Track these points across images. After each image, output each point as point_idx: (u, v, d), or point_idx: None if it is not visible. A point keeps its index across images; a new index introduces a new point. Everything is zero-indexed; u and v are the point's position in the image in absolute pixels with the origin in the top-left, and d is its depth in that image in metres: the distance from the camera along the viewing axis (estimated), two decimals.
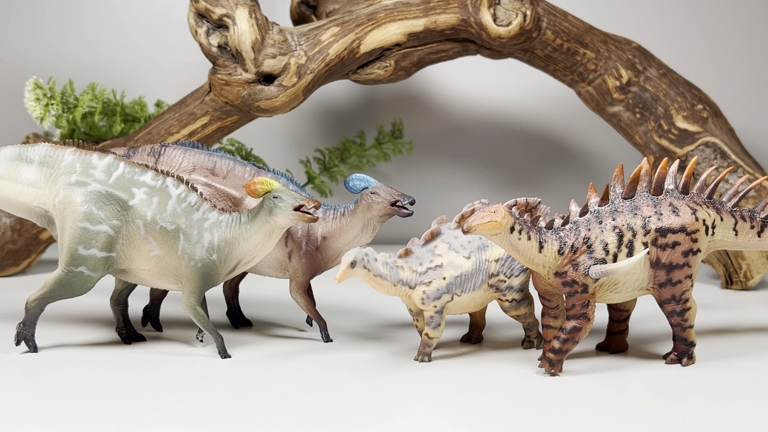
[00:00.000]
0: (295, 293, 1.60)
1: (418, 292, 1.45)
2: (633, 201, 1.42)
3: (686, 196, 1.45)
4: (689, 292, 1.44)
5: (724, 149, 2.04)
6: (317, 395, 1.31)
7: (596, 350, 1.55)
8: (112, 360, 1.47)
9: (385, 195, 1.55)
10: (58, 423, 1.19)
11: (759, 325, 1.73)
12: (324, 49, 1.97)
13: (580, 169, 2.65)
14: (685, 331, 1.45)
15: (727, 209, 1.49)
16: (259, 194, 1.45)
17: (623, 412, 1.25)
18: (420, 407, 1.26)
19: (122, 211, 1.47)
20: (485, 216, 1.33)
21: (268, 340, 1.61)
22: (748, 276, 2.04)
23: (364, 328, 1.70)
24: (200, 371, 1.42)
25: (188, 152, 1.63)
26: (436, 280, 1.45)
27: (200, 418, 1.21)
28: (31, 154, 1.51)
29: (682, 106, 2.07)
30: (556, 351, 1.39)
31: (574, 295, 1.38)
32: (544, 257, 1.38)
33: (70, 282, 1.47)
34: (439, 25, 2.02)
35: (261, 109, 1.96)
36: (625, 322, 1.53)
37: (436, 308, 1.45)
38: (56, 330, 1.64)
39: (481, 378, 1.40)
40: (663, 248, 1.41)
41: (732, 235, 1.49)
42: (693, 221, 1.43)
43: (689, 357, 1.46)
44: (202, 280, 1.48)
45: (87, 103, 2.20)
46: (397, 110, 2.66)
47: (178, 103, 2.09)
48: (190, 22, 1.97)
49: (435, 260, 1.46)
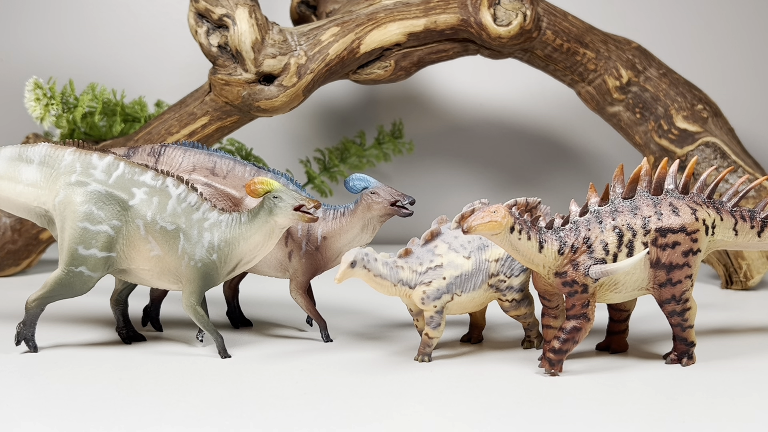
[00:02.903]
0: (295, 293, 1.60)
1: (418, 292, 1.45)
2: (633, 201, 1.42)
3: (686, 196, 1.45)
4: (689, 292, 1.44)
5: (724, 149, 2.04)
6: (317, 395, 1.31)
7: (596, 350, 1.55)
8: (112, 360, 1.47)
9: (385, 195, 1.55)
10: (58, 423, 1.19)
11: (759, 325, 1.73)
12: (324, 49, 1.97)
13: (580, 169, 2.65)
14: (685, 331, 1.45)
15: (727, 209, 1.49)
16: (259, 194, 1.45)
17: (623, 412, 1.25)
18: (420, 407, 1.26)
19: (122, 211, 1.47)
20: (485, 216, 1.33)
21: (268, 340, 1.61)
22: (748, 276, 2.04)
23: (364, 328, 1.70)
24: (200, 371, 1.42)
25: (188, 152, 1.63)
26: (436, 280, 1.45)
27: (200, 418, 1.21)
28: (31, 154, 1.51)
29: (682, 106, 2.07)
30: (556, 351, 1.39)
31: (574, 295, 1.38)
32: (544, 257, 1.38)
33: (70, 282, 1.47)
34: (439, 25, 2.02)
35: (261, 109, 1.96)
36: (625, 322, 1.53)
37: (436, 308, 1.45)
38: (56, 330, 1.64)
39: (481, 378, 1.40)
40: (663, 248, 1.41)
41: (732, 235, 1.49)
42: (693, 221, 1.43)
43: (689, 357, 1.46)
44: (202, 280, 1.48)
45: (87, 103, 2.20)
46: (397, 110, 2.66)
47: (178, 103, 2.09)
48: (190, 22, 1.97)
49: (435, 260, 1.46)
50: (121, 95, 2.29)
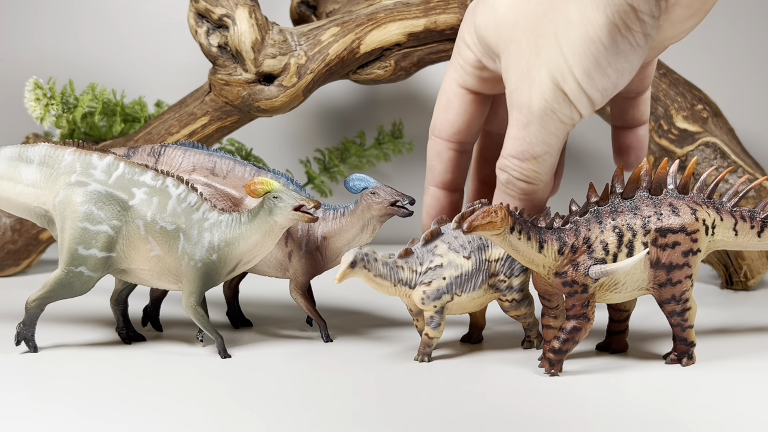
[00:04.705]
0: (295, 293, 1.60)
1: (418, 292, 1.45)
2: (633, 201, 1.42)
3: (686, 196, 1.45)
4: (689, 292, 1.44)
5: (724, 149, 2.04)
6: (317, 395, 1.31)
7: (596, 350, 1.55)
8: (112, 360, 1.47)
9: (384, 195, 1.55)
10: (58, 423, 1.19)
11: (759, 325, 1.73)
12: (324, 49, 1.97)
13: (580, 169, 2.65)
14: (685, 331, 1.45)
15: (727, 209, 1.49)
16: (259, 194, 1.46)
17: (623, 412, 1.25)
18: (420, 407, 1.26)
19: (122, 211, 1.47)
20: (485, 216, 1.33)
21: (268, 340, 1.61)
22: (748, 276, 2.04)
23: (364, 328, 1.70)
24: (200, 371, 1.42)
25: (188, 152, 1.63)
26: (436, 280, 1.45)
27: (200, 418, 1.21)
28: (31, 154, 1.51)
29: (682, 106, 2.07)
30: (556, 351, 1.39)
31: (573, 295, 1.38)
32: (543, 257, 1.38)
33: (70, 282, 1.47)
34: (439, 25, 2.02)
35: (261, 109, 1.96)
36: (625, 322, 1.53)
37: (436, 308, 1.45)
38: (56, 330, 1.64)
39: (481, 378, 1.40)
40: (663, 248, 1.41)
41: (732, 235, 1.49)
42: (693, 221, 1.43)
43: (689, 357, 1.46)
44: (202, 280, 1.48)
45: (87, 103, 2.20)
46: (397, 110, 2.66)
47: (178, 103, 2.09)
48: (190, 22, 1.98)
49: (435, 260, 1.46)
50: (121, 95, 2.29)
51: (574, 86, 1.30)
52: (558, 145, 1.35)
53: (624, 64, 1.29)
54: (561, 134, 1.34)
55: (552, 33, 1.28)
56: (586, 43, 1.27)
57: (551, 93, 1.30)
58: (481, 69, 1.43)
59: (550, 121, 1.32)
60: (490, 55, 1.39)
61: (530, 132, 1.34)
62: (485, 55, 1.40)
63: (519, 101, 1.33)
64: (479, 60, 1.42)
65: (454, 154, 1.51)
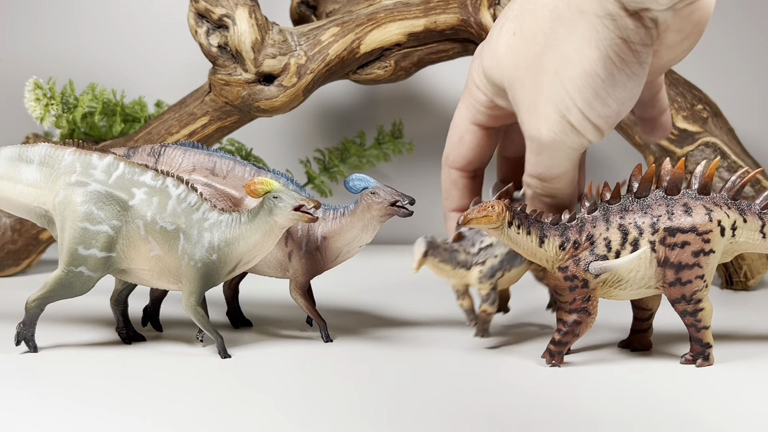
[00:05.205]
0: (295, 293, 1.60)
1: (474, 272, 1.52)
2: (645, 200, 1.43)
3: (706, 197, 1.44)
4: (702, 292, 1.43)
5: (724, 149, 2.04)
6: (317, 395, 1.31)
7: (618, 348, 1.55)
8: (112, 360, 1.47)
9: (384, 195, 1.55)
10: (59, 423, 1.19)
11: (759, 325, 1.73)
12: (324, 49, 1.97)
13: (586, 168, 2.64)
14: (700, 332, 1.45)
15: (755, 211, 1.47)
16: (259, 194, 1.46)
17: (625, 411, 1.25)
18: (420, 407, 1.26)
19: (122, 211, 1.47)
20: (481, 210, 1.37)
21: (268, 340, 1.61)
22: (748, 276, 2.04)
23: (364, 328, 1.70)
24: (200, 371, 1.42)
25: (188, 152, 1.63)
26: (489, 259, 1.52)
27: (200, 418, 1.21)
28: (31, 154, 1.51)
29: (682, 106, 2.07)
30: (556, 343, 1.43)
31: (575, 289, 1.41)
32: (545, 252, 1.41)
33: (70, 282, 1.47)
34: (439, 25, 2.02)
35: (261, 109, 1.96)
36: (649, 320, 1.53)
37: (491, 285, 1.52)
38: (56, 330, 1.64)
39: (482, 377, 1.40)
40: (671, 247, 1.41)
41: (759, 237, 1.47)
42: (706, 222, 1.42)
43: (705, 358, 1.45)
44: (202, 280, 1.48)
45: (87, 103, 2.20)
46: (397, 110, 2.66)
47: (178, 103, 2.09)
48: (190, 22, 1.98)
49: (485, 240, 1.53)
50: (121, 95, 2.29)
51: (579, 117, 1.34)
52: (573, 164, 1.41)
53: (624, 93, 1.34)
54: (574, 157, 1.40)
55: (552, 70, 1.33)
56: (584, 77, 1.31)
57: (558, 125, 1.35)
58: (492, 108, 1.49)
59: (560, 150, 1.38)
60: (500, 94, 1.44)
61: (544, 158, 1.40)
62: (496, 94, 1.45)
63: (530, 134, 1.38)
64: (491, 100, 1.47)
65: (468, 181, 1.58)
